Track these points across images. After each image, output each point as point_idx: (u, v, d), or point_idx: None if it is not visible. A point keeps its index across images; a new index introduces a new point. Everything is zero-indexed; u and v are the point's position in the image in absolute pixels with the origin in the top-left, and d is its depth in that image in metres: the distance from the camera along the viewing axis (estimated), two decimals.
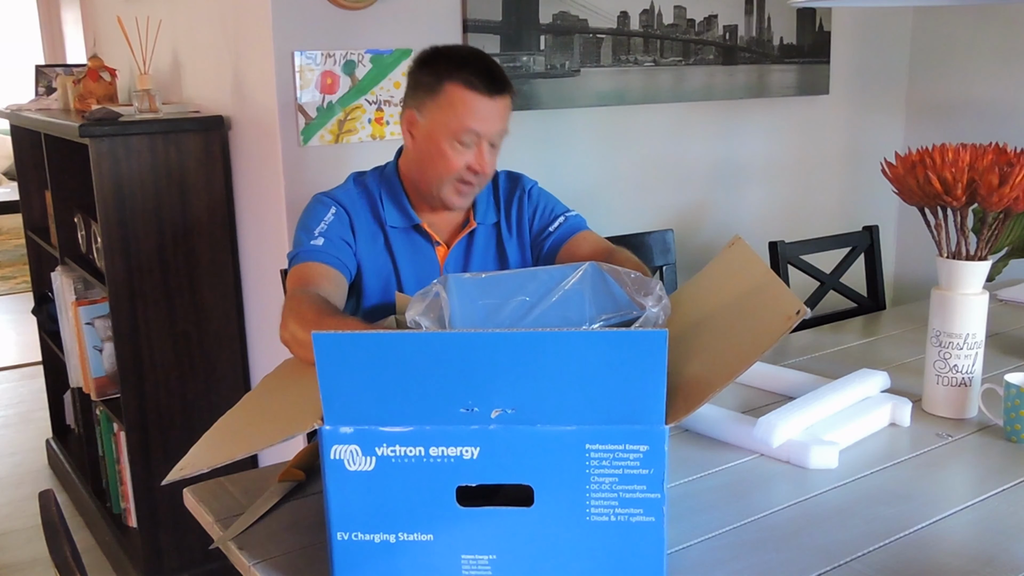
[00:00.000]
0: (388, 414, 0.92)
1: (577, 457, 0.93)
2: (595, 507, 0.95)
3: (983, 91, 2.99)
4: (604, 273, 1.34)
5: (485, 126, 1.57)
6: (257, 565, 1.12)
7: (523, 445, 0.93)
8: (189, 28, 2.51)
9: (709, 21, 2.67)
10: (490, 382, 0.91)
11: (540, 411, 0.92)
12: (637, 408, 0.92)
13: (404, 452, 0.92)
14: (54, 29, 4.86)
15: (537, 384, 0.91)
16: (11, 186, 6.52)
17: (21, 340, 4.93)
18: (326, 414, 0.93)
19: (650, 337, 0.90)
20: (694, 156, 2.75)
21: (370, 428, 0.93)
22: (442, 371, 0.90)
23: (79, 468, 3.04)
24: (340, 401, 0.92)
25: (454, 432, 0.92)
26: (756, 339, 1.03)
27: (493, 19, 2.29)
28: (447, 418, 0.92)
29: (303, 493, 1.30)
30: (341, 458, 0.93)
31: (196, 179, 2.29)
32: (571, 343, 0.90)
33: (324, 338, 0.90)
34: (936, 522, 1.18)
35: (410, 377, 0.91)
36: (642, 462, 0.94)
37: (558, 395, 0.91)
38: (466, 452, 0.92)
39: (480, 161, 1.58)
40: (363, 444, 0.93)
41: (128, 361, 2.28)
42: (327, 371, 0.91)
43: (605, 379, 0.91)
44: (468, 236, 1.70)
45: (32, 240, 3.20)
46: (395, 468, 0.93)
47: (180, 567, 2.43)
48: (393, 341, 0.90)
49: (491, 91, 1.56)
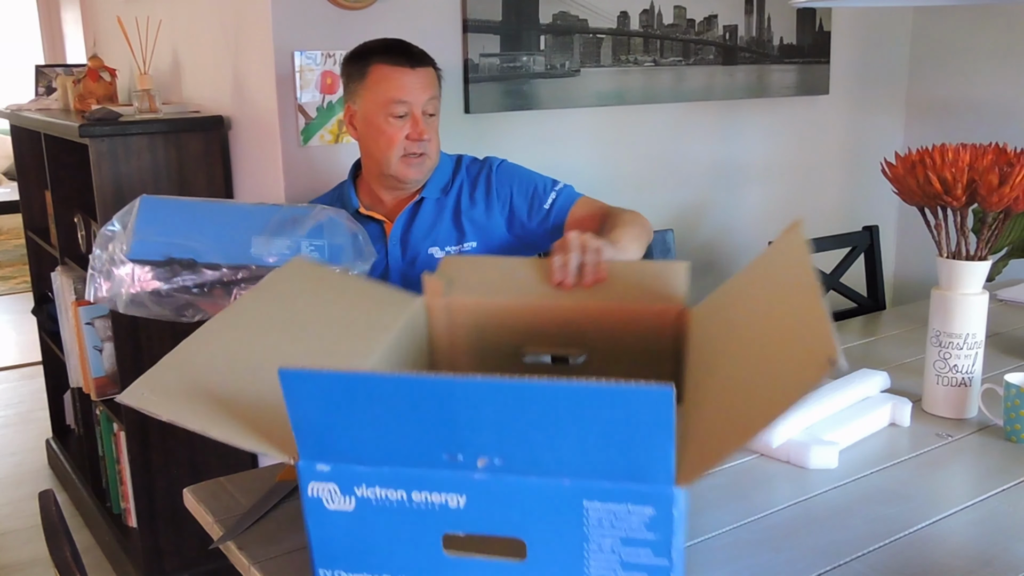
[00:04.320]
0: (366, 453, 0.85)
1: (574, 514, 0.85)
2: (594, 568, 0.86)
3: (983, 91, 2.99)
4: None
5: (412, 95, 1.68)
6: (257, 565, 1.12)
7: (513, 496, 0.85)
8: (189, 28, 2.51)
9: (709, 21, 2.67)
10: (474, 430, 0.82)
11: (531, 462, 0.83)
12: (642, 465, 0.82)
13: (385, 495, 0.86)
14: (54, 29, 4.86)
15: (527, 434, 0.82)
16: (11, 186, 6.52)
17: (21, 340, 4.93)
18: (300, 450, 0.87)
19: (655, 395, 0.78)
20: (694, 156, 2.75)
21: (348, 466, 0.86)
22: (421, 415, 0.83)
23: (79, 468, 3.04)
24: (313, 439, 0.85)
25: (438, 477, 0.85)
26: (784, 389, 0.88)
27: (493, 19, 2.29)
28: (430, 462, 0.85)
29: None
30: (319, 496, 0.87)
31: (196, 179, 2.29)
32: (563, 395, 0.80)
33: (292, 375, 0.82)
34: (936, 522, 1.18)
35: (388, 418, 0.84)
36: (648, 525, 0.84)
37: (551, 446, 0.82)
38: (451, 500, 0.85)
39: (417, 128, 1.68)
40: (341, 483, 0.86)
41: (128, 361, 2.28)
42: (297, 408, 0.84)
43: (604, 433, 0.81)
44: (412, 207, 1.78)
45: (32, 240, 3.20)
46: (377, 510, 0.87)
47: (180, 567, 2.43)
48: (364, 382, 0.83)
49: (411, 63, 1.69)
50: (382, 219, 1.79)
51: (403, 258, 1.78)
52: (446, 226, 1.78)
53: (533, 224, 1.77)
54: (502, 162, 1.83)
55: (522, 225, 1.77)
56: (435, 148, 1.75)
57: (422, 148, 1.71)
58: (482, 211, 1.78)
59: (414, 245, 1.77)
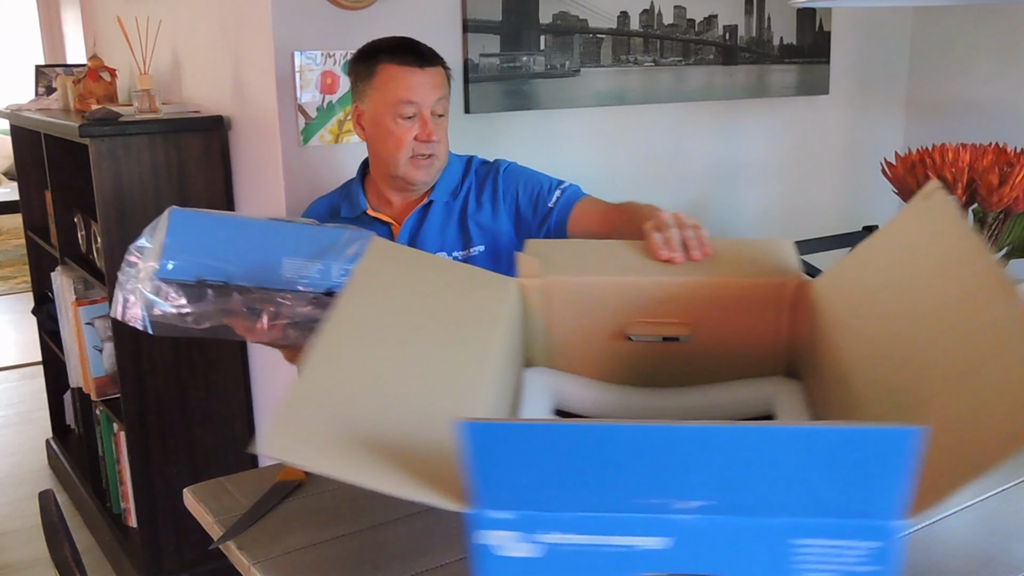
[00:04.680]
0: (555, 501, 0.80)
1: (783, 550, 0.80)
2: None
3: (983, 91, 2.99)
4: None
5: (421, 95, 1.65)
6: (257, 565, 1.12)
7: (714, 538, 0.81)
8: (189, 28, 2.51)
9: (709, 21, 2.67)
10: (679, 476, 0.78)
11: (738, 505, 0.80)
12: (869, 502, 0.77)
13: (573, 540, 0.81)
14: (54, 29, 4.86)
15: (737, 480, 0.78)
16: (11, 186, 6.52)
17: (21, 340, 4.93)
18: (477, 500, 0.81)
19: (901, 436, 0.72)
20: (694, 156, 2.75)
21: (531, 513, 0.81)
22: (621, 463, 0.78)
23: (79, 468, 3.04)
24: (493, 488, 0.80)
25: (636, 521, 0.80)
26: None
27: (493, 19, 2.29)
28: (627, 508, 0.81)
29: (303, 493, 1.30)
30: (492, 543, 0.82)
31: (196, 179, 2.29)
32: (794, 438, 0.75)
33: (476, 428, 0.77)
34: (936, 522, 1.17)
35: (582, 467, 0.78)
36: (869, 559, 0.79)
37: (766, 486, 0.78)
38: (648, 542, 0.81)
39: (425, 130, 1.66)
40: (523, 530, 0.81)
41: (128, 361, 2.28)
42: (478, 458, 0.79)
43: (830, 472, 0.76)
44: (421, 210, 1.75)
45: (32, 240, 3.20)
46: (563, 555, 0.81)
47: (180, 567, 2.43)
48: (558, 433, 0.78)
49: (420, 63, 1.66)
50: (390, 221, 1.77)
51: None
52: (453, 230, 1.76)
53: (536, 224, 1.75)
54: (510, 164, 1.81)
55: (527, 224, 1.76)
56: (444, 149, 1.73)
57: (431, 149, 1.68)
58: (488, 214, 1.76)
59: (421, 249, 1.74)
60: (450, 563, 1.12)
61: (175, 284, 1.32)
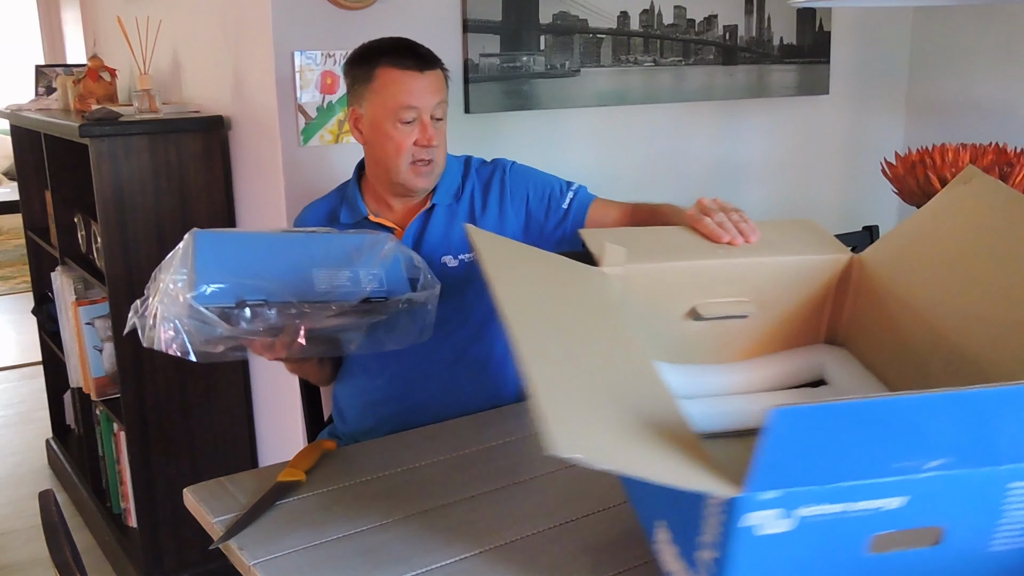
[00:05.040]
0: (817, 476, 0.84)
1: (997, 496, 0.90)
2: (998, 542, 0.92)
3: (983, 91, 2.99)
4: None
5: (421, 100, 1.61)
6: (257, 565, 1.12)
7: (943, 492, 0.88)
8: (189, 28, 2.51)
9: (709, 21, 2.67)
10: (928, 439, 0.85)
11: (967, 459, 0.87)
12: None
13: (824, 511, 0.85)
14: (54, 29, 4.86)
15: (971, 437, 0.85)
16: (11, 186, 6.52)
17: (21, 340, 4.93)
18: (752, 483, 0.83)
19: None
20: (694, 156, 2.75)
21: (793, 491, 0.84)
22: (881, 432, 0.83)
23: (79, 468, 3.04)
24: (768, 469, 0.83)
25: (882, 485, 0.86)
26: None
27: (493, 19, 2.29)
28: (878, 473, 0.86)
29: (303, 493, 1.30)
30: (753, 524, 0.85)
31: (196, 179, 2.29)
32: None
33: (790, 413, 0.78)
34: None
35: (848, 441, 0.83)
36: None
37: (990, 443, 0.87)
38: (889, 503, 0.87)
39: (425, 135, 1.62)
40: (784, 507, 0.85)
41: (128, 361, 2.28)
42: (774, 445, 0.80)
43: None
44: (423, 215, 1.72)
45: (32, 240, 3.20)
46: (812, 527, 0.86)
47: (180, 567, 2.43)
48: (848, 410, 0.82)
49: (420, 66, 1.62)
50: (392, 226, 1.72)
51: None
52: (458, 233, 1.73)
53: (551, 226, 1.73)
54: (513, 164, 1.79)
55: (539, 228, 1.74)
56: (442, 154, 1.69)
57: (430, 155, 1.64)
58: (495, 216, 1.74)
59: (426, 254, 1.71)
60: (450, 563, 1.12)
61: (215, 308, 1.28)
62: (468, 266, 1.73)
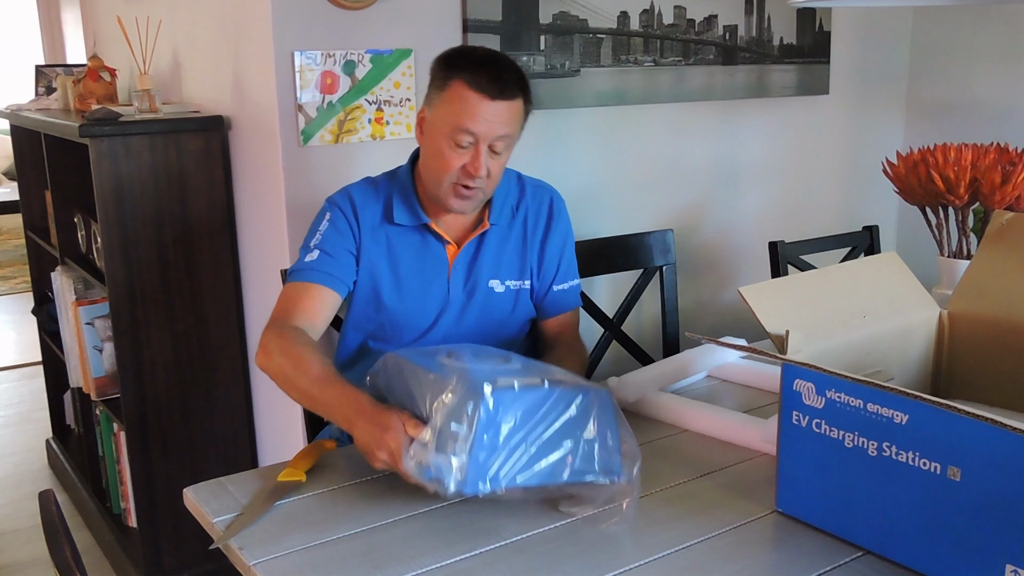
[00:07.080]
0: None
1: None
2: None
3: (983, 91, 2.99)
4: None
5: (482, 128, 1.52)
6: (257, 565, 1.12)
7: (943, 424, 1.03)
8: (189, 28, 2.51)
9: (709, 21, 2.67)
10: None
11: None
12: None
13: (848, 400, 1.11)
14: (54, 29, 4.86)
15: None
16: (11, 186, 6.52)
17: (21, 340, 4.93)
18: None
19: None
20: (694, 156, 2.75)
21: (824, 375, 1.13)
22: None
23: (79, 468, 3.04)
24: None
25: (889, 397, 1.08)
26: None
27: (493, 19, 2.29)
28: None
29: (303, 493, 1.30)
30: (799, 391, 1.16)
31: (196, 179, 2.29)
32: None
33: None
34: None
35: None
36: None
37: None
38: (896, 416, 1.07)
39: (475, 164, 1.53)
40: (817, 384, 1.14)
41: (128, 361, 2.28)
42: None
43: None
44: (480, 237, 1.67)
45: (32, 240, 3.20)
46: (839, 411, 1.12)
47: (180, 567, 2.43)
48: None
49: (493, 94, 1.51)
50: (448, 240, 1.65)
51: (463, 288, 1.67)
52: (510, 257, 1.68)
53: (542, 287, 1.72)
54: (561, 202, 1.75)
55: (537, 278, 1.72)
56: (492, 186, 1.60)
57: (475, 183, 1.55)
58: (539, 245, 1.71)
59: (476, 276, 1.66)
60: (450, 563, 1.12)
61: None
62: (514, 293, 1.70)
